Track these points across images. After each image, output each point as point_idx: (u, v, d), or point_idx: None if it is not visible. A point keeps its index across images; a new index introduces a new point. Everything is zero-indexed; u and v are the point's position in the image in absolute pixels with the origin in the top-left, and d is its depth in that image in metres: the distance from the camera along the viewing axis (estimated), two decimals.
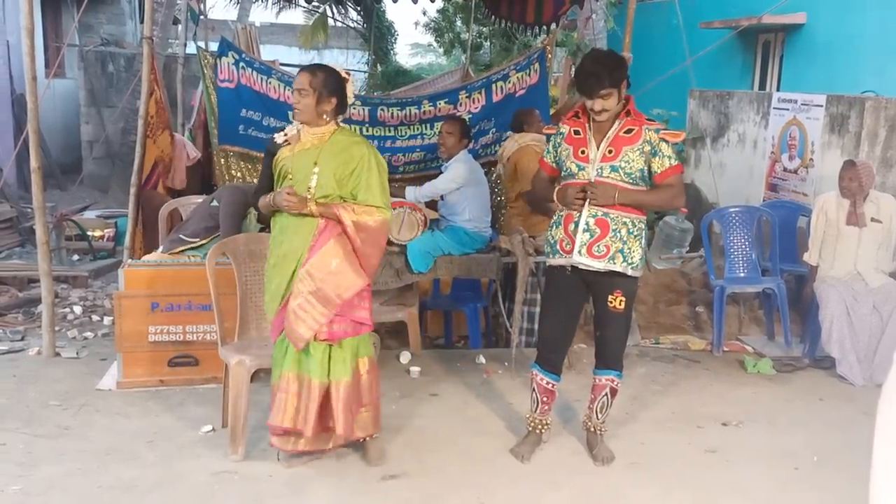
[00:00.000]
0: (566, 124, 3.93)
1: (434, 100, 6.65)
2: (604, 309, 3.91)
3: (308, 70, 3.74)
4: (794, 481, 3.93)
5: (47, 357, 5.29)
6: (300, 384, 3.71)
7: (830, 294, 5.38)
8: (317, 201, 3.66)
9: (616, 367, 4.03)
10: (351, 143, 3.76)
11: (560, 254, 3.86)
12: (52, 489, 3.61)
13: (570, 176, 3.83)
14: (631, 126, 3.79)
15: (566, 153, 3.87)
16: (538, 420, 4.12)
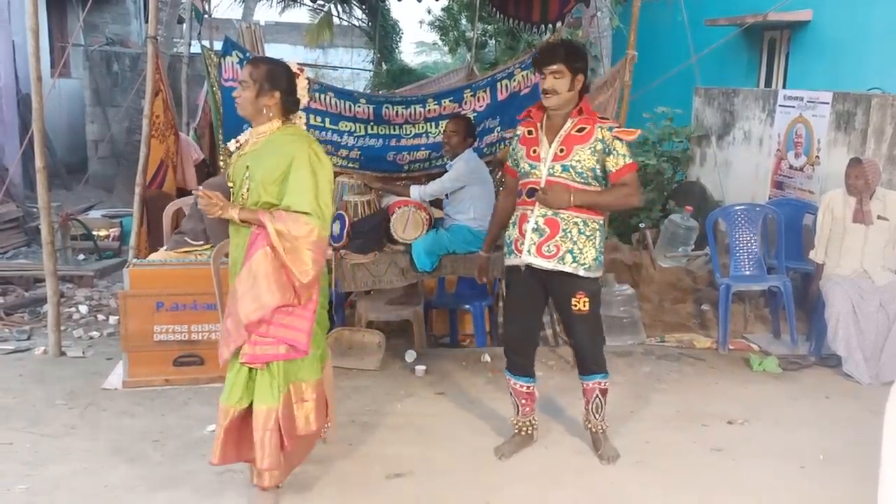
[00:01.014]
0: (521, 126, 3.94)
1: (439, 98, 6.64)
2: (569, 313, 3.88)
3: (251, 62, 3.46)
4: (800, 479, 3.92)
5: (53, 356, 5.31)
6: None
7: (836, 292, 5.37)
8: (242, 206, 3.32)
9: (599, 370, 4.00)
10: (287, 141, 3.36)
11: (514, 253, 3.85)
12: (59, 488, 3.63)
13: (525, 176, 3.84)
14: (583, 125, 3.77)
15: (520, 153, 3.88)
16: (523, 422, 4.13)
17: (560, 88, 3.72)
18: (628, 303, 6.01)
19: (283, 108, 3.43)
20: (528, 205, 3.80)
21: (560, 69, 3.70)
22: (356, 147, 6.17)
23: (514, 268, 3.91)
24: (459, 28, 16.63)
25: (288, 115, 3.47)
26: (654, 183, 8.61)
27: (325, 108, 6.38)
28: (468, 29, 15.75)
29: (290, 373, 3.36)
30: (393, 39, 19.49)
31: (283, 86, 3.39)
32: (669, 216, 7.56)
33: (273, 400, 3.30)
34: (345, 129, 6.30)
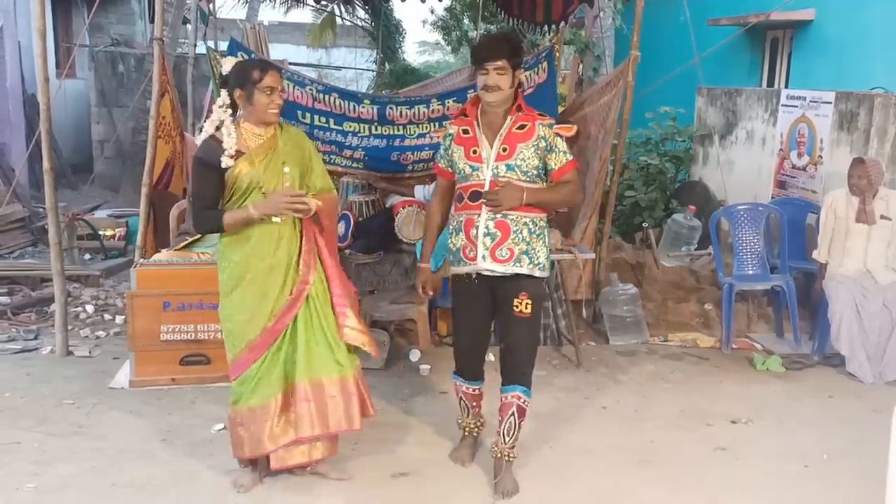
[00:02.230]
0: (454, 124, 3.75)
1: (442, 98, 6.66)
2: (509, 315, 3.67)
3: (277, 69, 3.57)
4: (803, 479, 3.94)
5: (60, 356, 5.34)
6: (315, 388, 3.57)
7: (840, 291, 5.38)
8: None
9: (523, 382, 3.74)
10: (297, 134, 3.69)
11: (464, 261, 3.66)
12: (67, 488, 3.65)
13: (464, 178, 3.65)
14: (523, 122, 3.65)
15: (457, 154, 3.68)
16: (471, 423, 4.06)
17: (503, 84, 3.55)
18: (632, 302, 6.03)
19: None
20: (473, 209, 3.60)
21: (504, 65, 3.53)
22: (360, 147, 6.20)
23: (461, 276, 3.72)
24: (462, 28, 16.65)
25: None
26: (657, 183, 8.62)
27: (330, 109, 6.41)
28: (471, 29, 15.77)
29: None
30: (396, 39, 19.49)
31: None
32: (672, 216, 7.59)
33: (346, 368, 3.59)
34: (349, 129, 6.32)
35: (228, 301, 3.57)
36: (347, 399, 3.58)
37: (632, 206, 8.41)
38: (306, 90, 6.33)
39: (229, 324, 3.58)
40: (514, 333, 3.71)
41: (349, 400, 3.59)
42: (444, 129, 3.84)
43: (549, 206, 3.73)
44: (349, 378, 3.60)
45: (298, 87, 6.32)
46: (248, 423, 3.54)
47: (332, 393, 3.56)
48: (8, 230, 8.66)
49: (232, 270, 3.54)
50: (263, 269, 3.50)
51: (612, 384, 5.16)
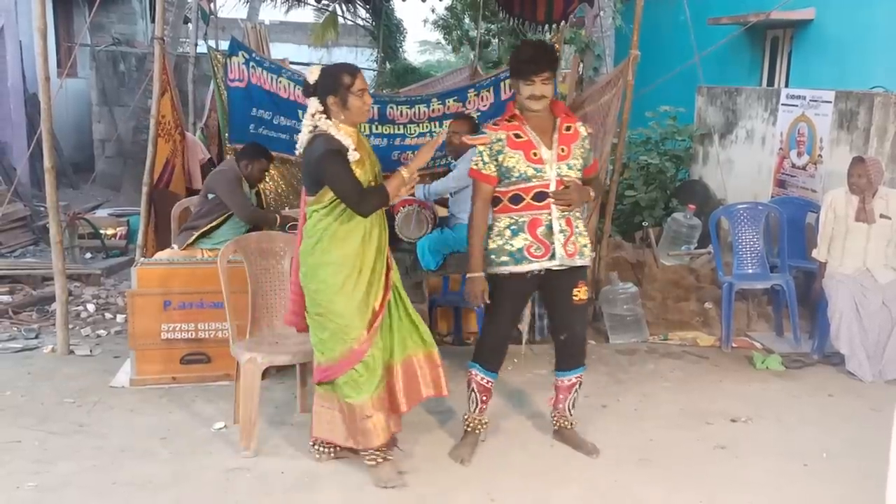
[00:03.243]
0: (501, 129, 3.79)
1: (443, 98, 6.68)
2: (569, 304, 3.92)
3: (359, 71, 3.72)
4: (803, 477, 3.95)
5: (61, 354, 5.35)
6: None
7: (839, 290, 5.39)
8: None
9: (583, 363, 4.10)
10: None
11: (528, 259, 3.79)
12: (67, 486, 3.66)
13: (525, 180, 3.76)
14: (568, 123, 3.86)
15: (515, 158, 3.75)
16: (477, 420, 4.08)
17: (548, 93, 3.77)
18: (631, 301, 6.03)
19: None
20: (539, 209, 3.77)
21: (549, 76, 3.73)
22: None
23: (517, 275, 3.83)
24: (463, 27, 16.65)
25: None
26: (657, 182, 8.63)
27: None
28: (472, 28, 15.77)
29: None
30: (397, 38, 19.50)
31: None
32: (672, 215, 7.59)
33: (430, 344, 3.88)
34: None
35: (332, 298, 3.58)
36: (434, 369, 3.85)
37: (632, 206, 8.42)
38: None
39: (335, 323, 3.60)
40: (576, 320, 4.00)
41: (435, 370, 3.85)
42: (484, 136, 3.83)
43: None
44: (434, 352, 3.86)
45: (299, 86, 6.32)
46: (377, 411, 3.64)
47: (420, 366, 3.81)
48: (9, 229, 8.68)
49: (342, 265, 3.58)
50: (371, 257, 3.63)
51: (611, 383, 5.17)
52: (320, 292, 3.62)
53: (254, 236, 4.52)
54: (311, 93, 3.64)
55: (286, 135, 6.40)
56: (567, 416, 4.16)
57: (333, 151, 3.53)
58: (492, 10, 12.63)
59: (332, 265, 3.59)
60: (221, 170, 5.52)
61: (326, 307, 3.61)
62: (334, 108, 3.60)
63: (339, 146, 3.55)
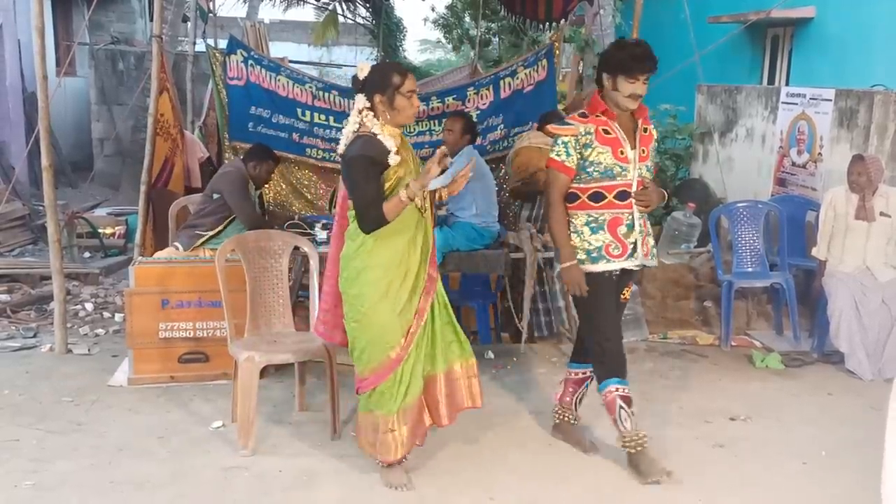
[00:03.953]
0: (590, 122, 3.71)
1: (442, 96, 6.67)
2: (618, 302, 3.92)
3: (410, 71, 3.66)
4: (802, 476, 3.94)
5: (59, 353, 5.34)
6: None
7: (839, 289, 5.38)
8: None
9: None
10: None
11: (605, 258, 3.74)
12: (65, 484, 3.65)
13: (610, 177, 3.70)
14: (646, 125, 3.83)
15: (604, 153, 3.68)
16: (640, 435, 3.82)
17: (645, 93, 3.70)
18: (631, 299, 6.01)
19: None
20: (621, 208, 3.73)
21: (650, 76, 3.69)
22: None
23: (601, 274, 3.76)
24: (463, 26, 16.65)
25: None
26: (657, 180, 8.62)
27: (330, 107, 6.42)
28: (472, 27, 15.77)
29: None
30: (397, 37, 19.49)
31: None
32: (672, 213, 7.57)
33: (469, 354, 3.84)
34: None
35: (372, 304, 3.51)
36: (470, 381, 3.80)
37: None
38: (306, 88, 6.35)
39: (372, 331, 3.54)
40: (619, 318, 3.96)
41: (471, 382, 3.80)
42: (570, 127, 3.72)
43: None
44: (473, 362, 3.82)
45: (298, 84, 6.34)
46: (403, 424, 3.59)
47: (459, 376, 3.77)
48: (8, 228, 8.67)
49: (387, 268, 3.52)
50: (415, 262, 3.58)
51: None
52: (363, 297, 3.53)
53: (252, 235, 4.51)
54: (359, 89, 3.57)
55: (285, 133, 6.39)
56: (573, 412, 4.16)
57: (362, 157, 3.46)
58: (492, 8, 12.64)
59: (378, 268, 3.52)
60: (228, 171, 5.49)
61: (367, 313, 3.53)
62: (381, 107, 3.52)
63: (376, 151, 3.47)
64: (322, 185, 6.58)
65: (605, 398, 3.83)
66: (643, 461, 3.80)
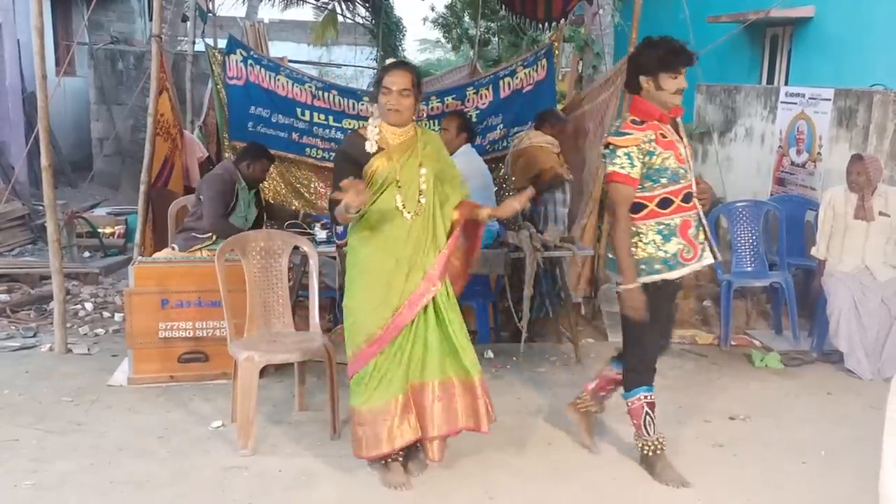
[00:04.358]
0: (648, 129, 3.59)
1: (442, 96, 6.67)
2: (670, 311, 3.94)
3: (406, 69, 3.63)
4: (801, 475, 3.94)
5: (59, 353, 5.34)
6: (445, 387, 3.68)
7: (838, 288, 5.38)
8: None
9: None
10: (436, 141, 3.80)
11: (680, 264, 3.70)
12: (65, 484, 3.66)
13: (675, 181, 3.62)
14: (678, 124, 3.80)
15: (668, 157, 3.60)
16: (661, 440, 3.88)
17: (686, 85, 3.61)
18: None
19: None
20: (688, 210, 3.68)
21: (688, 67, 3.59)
22: None
23: (667, 281, 3.72)
24: (462, 25, 16.63)
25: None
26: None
27: (329, 107, 6.41)
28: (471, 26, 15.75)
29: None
30: (396, 37, 19.47)
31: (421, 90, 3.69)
32: None
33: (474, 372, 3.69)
34: (349, 127, 6.32)
35: (353, 295, 3.64)
36: (474, 400, 3.66)
37: None
38: (305, 87, 6.34)
39: (352, 318, 3.63)
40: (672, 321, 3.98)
41: (476, 401, 3.66)
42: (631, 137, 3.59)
43: None
44: (476, 381, 3.66)
45: (297, 84, 6.33)
46: (368, 424, 3.57)
47: (460, 393, 3.65)
48: (7, 228, 8.67)
49: (361, 265, 3.63)
50: (391, 263, 3.57)
51: None
52: (349, 286, 3.67)
53: (251, 235, 4.51)
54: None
55: (284, 133, 6.38)
56: (602, 405, 4.17)
57: (338, 152, 3.73)
58: (491, 7, 12.62)
59: (355, 266, 3.65)
60: (214, 172, 5.53)
61: (348, 303, 3.66)
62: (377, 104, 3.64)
63: (352, 147, 3.61)
64: (321, 185, 6.57)
65: (632, 404, 3.86)
66: (658, 463, 3.85)
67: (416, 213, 3.59)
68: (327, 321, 5.65)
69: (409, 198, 3.58)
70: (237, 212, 5.42)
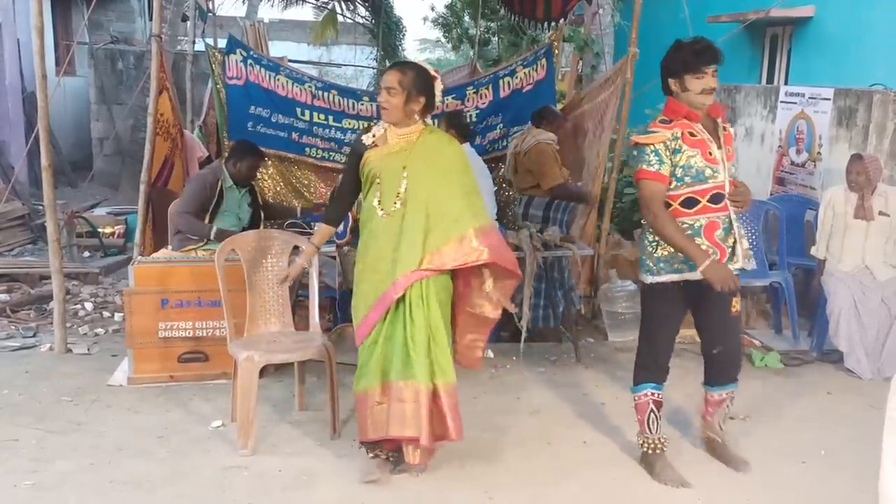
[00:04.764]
0: (676, 127, 3.61)
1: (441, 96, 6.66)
2: (725, 315, 3.76)
3: (397, 68, 3.68)
4: (801, 475, 3.94)
5: (59, 353, 5.34)
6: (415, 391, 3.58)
7: (838, 288, 5.38)
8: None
9: (737, 378, 3.95)
10: (444, 144, 3.75)
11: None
12: (65, 484, 3.66)
13: (701, 181, 3.59)
14: (724, 124, 3.75)
15: (694, 156, 3.59)
16: (662, 440, 3.90)
17: (715, 86, 3.60)
18: (630, 299, 6.02)
19: (425, 112, 3.71)
20: (716, 211, 3.63)
21: (716, 68, 3.57)
22: None
23: (689, 282, 3.66)
24: (462, 25, 16.63)
25: (426, 117, 3.75)
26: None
27: (329, 106, 6.41)
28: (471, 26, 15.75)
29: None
30: (396, 37, 19.49)
31: (427, 90, 3.67)
32: None
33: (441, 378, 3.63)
34: (348, 126, 6.33)
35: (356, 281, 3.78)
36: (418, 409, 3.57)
37: (631, 203, 8.40)
38: (305, 87, 6.35)
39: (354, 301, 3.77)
40: (731, 332, 3.83)
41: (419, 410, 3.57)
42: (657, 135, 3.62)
43: None
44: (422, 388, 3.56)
45: (297, 84, 6.33)
46: (359, 408, 3.69)
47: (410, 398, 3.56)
48: (7, 228, 8.67)
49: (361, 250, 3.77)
50: (371, 258, 3.68)
51: (610, 381, 5.16)
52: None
53: (251, 234, 4.51)
54: None
55: (284, 132, 6.39)
56: (715, 429, 4.03)
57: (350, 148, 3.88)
58: (491, 7, 12.63)
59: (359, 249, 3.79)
60: (199, 172, 5.59)
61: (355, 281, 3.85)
62: None
63: (357, 138, 3.80)
64: (321, 185, 6.57)
65: (639, 399, 3.88)
66: (658, 463, 3.86)
67: (390, 213, 3.61)
68: (327, 321, 5.65)
69: (387, 197, 3.62)
70: (226, 211, 5.41)
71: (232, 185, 5.42)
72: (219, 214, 5.38)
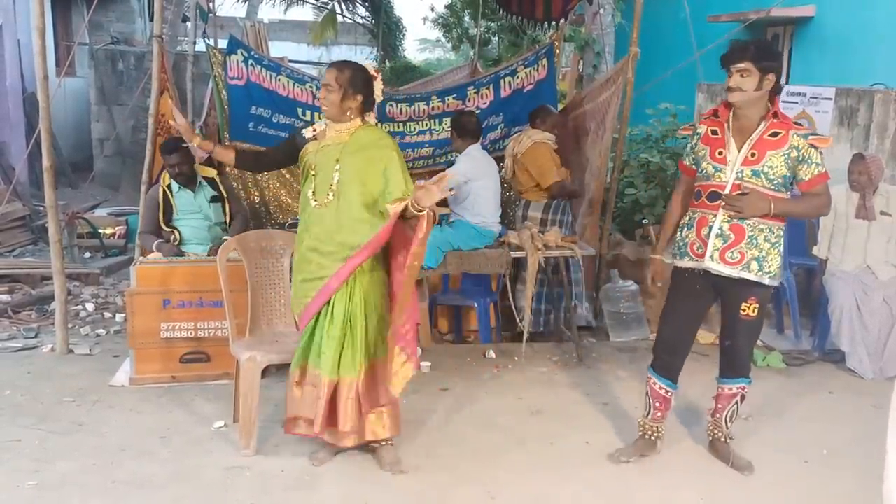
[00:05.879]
0: (704, 123, 3.82)
1: (442, 95, 6.66)
2: (735, 317, 3.81)
3: (335, 66, 3.81)
4: (803, 475, 3.94)
5: (61, 354, 5.34)
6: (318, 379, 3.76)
7: (840, 287, 5.38)
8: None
9: (745, 375, 3.98)
10: (375, 139, 3.78)
11: (690, 257, 3.78)
12: (67, 485, 3.66)
13: (705, 178, 3.72)
14: (777, 129, 3.64)
15: (703, 153, 3.75)
16: (650, 426, 4.03)
17: (746, 86, 3.57)
18: (632, 298, 6.03)
19: (363, 109, 3.80)
20: (709, 208, 3.70)
21: (747, 67, 3.55)
22: None
23: (684, 270, 3.84)
24: (463, 25, 16.64)
25: (364, 115, 3.83)
26: (658, 179, 8.60)
27: None
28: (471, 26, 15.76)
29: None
30: (396, 37, 19.51)
31: (364, 89, 3.77)
32: None
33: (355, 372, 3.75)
34: None
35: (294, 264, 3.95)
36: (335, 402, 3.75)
37: (632, 203, 8.40)
38: (306, 87, 6.34)
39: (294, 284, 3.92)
40: (740, 335, 3.88)
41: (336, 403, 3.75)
42: (691, 126, 3.91)
43: (794, 216, 3.91)
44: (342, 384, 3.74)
45: (298, 84, 6.32)
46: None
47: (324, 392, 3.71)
48: (8, 228, 8.67)
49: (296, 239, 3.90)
50: (303, 248, 3.79)
51: (612, 381, 5.16)
52: None
53: (253, 235, 4.51)
54: None
55: (285, 133, 6.38)
56: (722, 428, 4.05)
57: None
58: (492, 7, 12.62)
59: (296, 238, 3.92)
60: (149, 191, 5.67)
61: None
62: None
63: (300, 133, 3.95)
64: None
65: (650, 379, 4.05)
66: (636, 445, 4.07)
67: (323, 204, 3.72)
68: None
69: (320, 189, 3.74)
70: (184, 215, 5.40)
71: (179, 188, 5.40)
72: (176, 221, 5.38)
